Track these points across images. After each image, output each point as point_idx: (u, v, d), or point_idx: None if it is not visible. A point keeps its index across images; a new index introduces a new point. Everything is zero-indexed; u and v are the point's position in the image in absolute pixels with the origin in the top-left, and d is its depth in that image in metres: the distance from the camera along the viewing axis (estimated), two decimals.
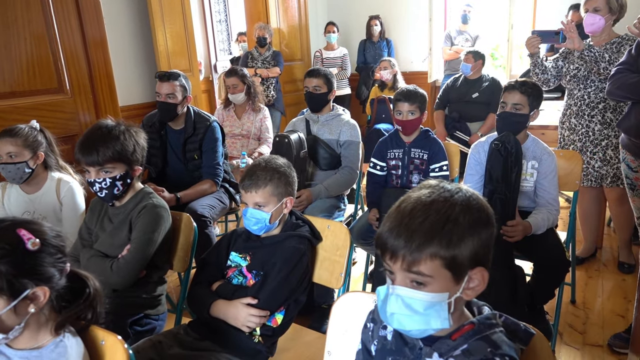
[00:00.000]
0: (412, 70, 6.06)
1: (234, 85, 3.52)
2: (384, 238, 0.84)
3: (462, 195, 0.84)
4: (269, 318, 1.48)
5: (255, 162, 1.56)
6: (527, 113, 2.10)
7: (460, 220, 0.81)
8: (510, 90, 2.11)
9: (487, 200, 2.03)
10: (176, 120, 2.71)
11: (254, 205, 1.51)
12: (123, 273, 1.53)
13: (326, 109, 2.72)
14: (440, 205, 0.82)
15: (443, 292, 0.83)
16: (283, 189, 1.53)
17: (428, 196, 0.84)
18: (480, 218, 0.83)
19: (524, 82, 2.11)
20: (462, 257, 0.81)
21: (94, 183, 1.56)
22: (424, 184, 0.89)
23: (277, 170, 1.52)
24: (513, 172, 1.93)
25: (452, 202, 0.82)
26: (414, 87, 2.41)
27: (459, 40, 5.48)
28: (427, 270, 0.81)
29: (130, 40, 3.72)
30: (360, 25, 5.76)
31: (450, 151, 2.62)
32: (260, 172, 1.50)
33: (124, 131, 1.57)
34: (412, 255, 0.80)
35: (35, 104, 2.34)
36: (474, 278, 0.85)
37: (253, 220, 1.51)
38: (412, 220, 0.81)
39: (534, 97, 2.09)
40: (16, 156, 1.95)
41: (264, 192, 1.49)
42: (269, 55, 4.97)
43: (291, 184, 1.57)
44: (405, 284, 0.84)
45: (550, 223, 2.07)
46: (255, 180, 1.50)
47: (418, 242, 0.80)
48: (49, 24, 2.34)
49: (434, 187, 0.86)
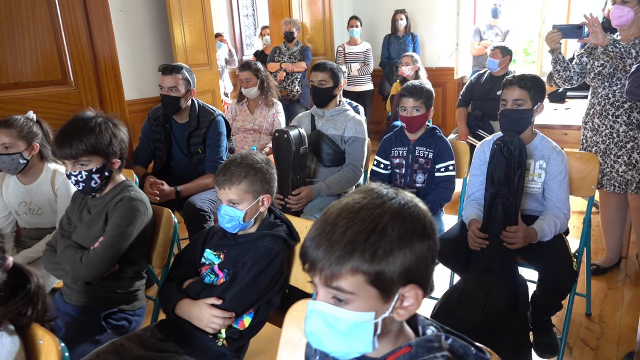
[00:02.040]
0: (438, 66, 5.88)
1: (247, 79, 3.47)
2: (304, 247, 0.75)
3: (395, 202, 0.74)
4: (236, 320, 1.42)
5: (230, 157, 1.51)
6: (530, 108, 1.96)
7: (388, 231, 0.71)
8: (508, 87, 1.98)
9: (488, 204, 1.92)
10: (180, 113, 2.70)
11: (228, 203, 1.46)
12: (92, 265, 1.50)
13: (332, 104, 2.64)
14: (368, 213, 0.72)
15: (368, 311, 0.74)
16: (259, 186, 1.47)
17: (357, 202, 0.75)
18: (414, 229, 0.73)
19: (522, 76, 1.97)
20: (390, 273, 0.72)
21: (70, 176, 1.54)
22: (361, 188, 0.80)
23: (253, 166, 1.46)
24: (516, 175, 1.80)
25: (382, 210, 0.73)
26: (420, 83, 2.30)
27: (488, 35, 5.27)
28: (348, 286, 0.72)
29: (148, 34, 3.74)
30: (386, 19, 5.61)
31: (460, 150, 2.49)
32: (235, 168, 1.45)
33: (100, 123, 1.54)
34: (331, 269, 0.71)
35: (39, 95, 2.37)
36: (407, 297, 0.75)
37: (226, 218, 1.46)
38: (334, 230, 0.72)
39: (535, 90, 1.95)
40: (11, 147, 1.96)
41: (238, 189, 1.44)
42: (297, 50, 4.94)
43: (268, 181, 1.50)
44: (326, 300, 0.75)
45: (557, 229, 1.92)
46: (229, 176, 1.44)
47: (338, 254, 0.71)
48: (53, 16, 2.36)
49: (367, 192, 0.77)
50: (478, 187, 2.09)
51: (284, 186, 2.41)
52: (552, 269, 1.85)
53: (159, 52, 3.87)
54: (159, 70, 2.63)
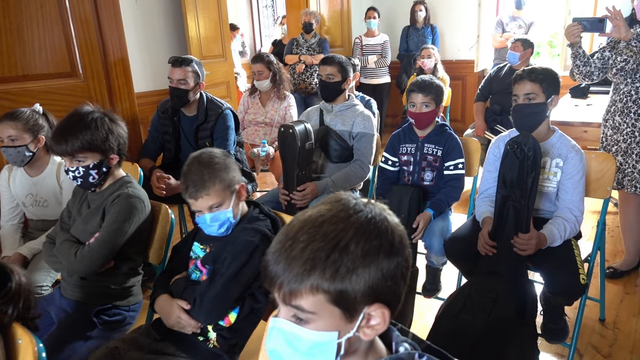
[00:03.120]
0: (458, 59, 5.75)
1: (259, 71, 3.44)
2: (264, 261, 0.71)
3: (361, 216, 0.69)
4: (224, 316, 1.41)
5: (187, 167, 1.42)
6: (543, 101, 1.87)
7: (351, 248, 0.66)
8: (519, 81, 1.90)
9: (499, 207, 1.85)
10: (189, 106, 2.68)
11: (210, 210, 1.40)
12: (86, 261, 1.50)
13: (340, 98, 2.58)
14: (331, 228, 0.68)
15: (331, 330, 0.70)
16: (229, 178, 1.42)
17: (321, 215, 0.70)
18: (381, 246, 0.68)
19: (532, 69, 1.89)
20: (354, 291, 0.67)
21: (68, 171, 1.54)
22: (329, 198, 0.75)
23: (215, 163, 1.40)
24: (529, 178, 1.72)
25: (345, 224, 0.68)
26: (430, 78, 2.22)
27: (511, 26, 5.11)
28: (308, 305, 0.68)
29: (162, 26, 3.74)
30: (405, 10, 5.50)
31: (471, 148, 2.42)
32: (200, 173, 1.38)
33: (96, 119, 1.53)
34: (290, 286, 0.67)
35: (47, 88, 2.39)
36: (374, 316, 0.71)
37: (216, 224, 1.41)
38: (294, 245, 0.68)
39: (548, 83, 1.87)
40: (17, 139, 1.98)
41: (216, 191, 1.39)
42: (315, 42, 4.88)
43: (235, 169, 1.46)
44: (287, 318, 0.71)
45: (567, 234, 1.84)
46: (200, 183, 1.37)
47: (296, 271, 0.67)
48: (62, 8, 2.37)
49: (334, 203, 0.72)
50: (491, 184, 2.02)
51: (289, 182, 2.37)
52: (558, 280, 1.77)
53: (173, 43, 3.87)
54: (168, 62, 2.61)
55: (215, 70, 4.24)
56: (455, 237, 2.03)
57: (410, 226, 2.13)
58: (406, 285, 0.74)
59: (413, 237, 2.14)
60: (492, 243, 1.83)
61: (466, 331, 1.78)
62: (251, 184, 2.90)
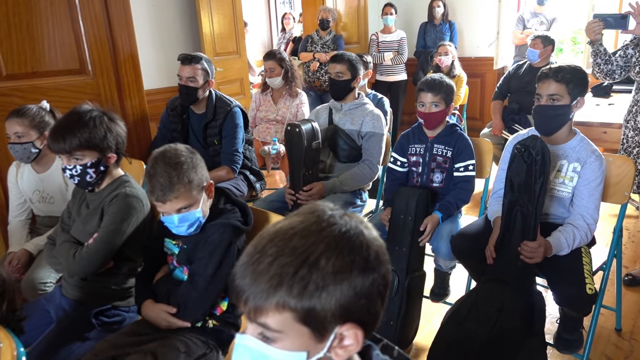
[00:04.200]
0: (477, 56, 5.62)
1: (271, 68, 3.41)
2: (232, 274, 0.67)
3: (335, 229, 0.65)
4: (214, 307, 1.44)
5: (152, 167, 1.33)
6: (567, 104, 1.79)
7: (321, 263, 0.62)
8: (543, 80, 1.81)
9: (506, 212, 1.78)
10: (198, 104, 2.67)
11: (178, 211, 1.35)
12: (84, 262, 1.49)
13: (350, 97, 2.54)
14: (301, 242, 0.64)
15: (299, 350, 0.66)
16: (198, 178, 1.35)
17: (292, 227, 0.66)
18: (354, 262, 0.64)
19: (560, 68, 1.79)
20: (324, 310, 0.63)
21: (66, 170, 1.53)
22: (305, 208, 0.71)
23: (182, 163, 1.32)
24: (537, 184, 1.64)
25: (317, 238, 0.64)
26: (440, 76, 2.16)
27: (532, 23, 4.97)
28: (274, 323, 0.64)
29: (176, 23, 3.74)
30: (423, 7, 5.40)
31: (483, 149, 2.34)
32: (168, 174, 1.30)
33: (94, 118, 1.52)
34: (255, 302, 0.64)
35: (56, 85, 2.40)
36: (346, 336, 0.67)
37: (185, 225, 1.37)
38: (261, 259, 0.64)
39: (575, 84, 1.78)
40: (23, 136, 1.99)
41: (184, 193, 1.32)
42: (330, 39, 4.84)
43: (201, 167, 1.39)
44: (254, 335, 0.67)
45: (577, 243, 1.76)
46: (168, 187, 1.30)
47: (262, 287, 0.63)
48: (71, 6, 2.37)
49: (308, 214, 0.68)
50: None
51: (295, 181, 2.34)
52: (563, 291, 1.70)
53: (187, 40, 3.86)
54: (178, 59, 2.60)
55: (229, 67, 4.23)
56: (463, 234, 1.96)
57: (417, 229, 2.08)
58: (384, 304, 0.69)
59: (420, 240, 2.08)
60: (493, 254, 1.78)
61: (470, 340, 1.72)
62: (259, 182, 2.88)
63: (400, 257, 2.09)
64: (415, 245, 2.09)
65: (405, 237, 2.08)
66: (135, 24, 3.31)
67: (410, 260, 2.08)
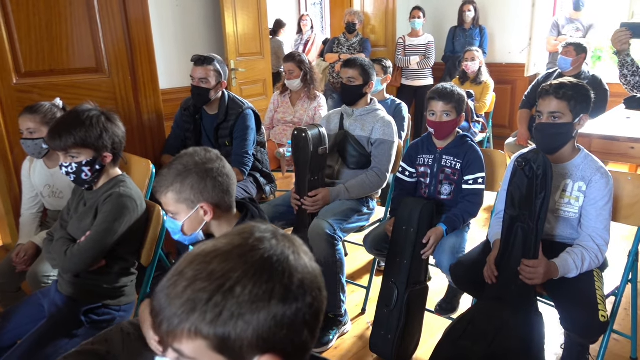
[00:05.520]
0: (508, 62, 5.46)
1: (290, 71, 3.41)
2: (154, 292, 0.66)
3: (257, 254, 0.62)
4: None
5: (171, 162, 1.30)
6: (569, 122, 1.70)
7: (237, 291, 0.59)
8: (544, 97, 1.73)
9: (506, 228, 1.70)
10: (210, 105, 2.69)
11: (168, 213, 1.31)
12: (76, 260, 1.52)
13: (362, 102, 2.50)
14: (220, 266, 0.61)
15: None
16: (190, 194, 1.24)
17: (216, 249, 0.63)
18: (272, 290, 0.60)
19: (561, 85, 1.71)
20: (240, 339, 0.59)
21: (62, 167, 1.56)
22: (238, 228, 0.68)
23: (182, 170, 1.24)
24: (539, 199, 1.57)
25: (237, 263, 0.61)
26: (452, 86, 2.09)
27: (567, 29, 4.78)
28: (188, 350, 0.61)
29: (200, 23, 3.79)
30: (453, 10, 5.28)
31: (496, 161, 2.26)
32: (166, 172, 1.26)
33: (92, 117, 1.54)
34: (168, 327, 0.61)
35: (73, 82, 2.46)
36: None
37: (171, 230, 1.34)
38: (179, 282, 0.61)
39: (577, 101, 1.69)
40: (35, 132, 2.04)
41: (167, 199, 1.26)
42: (356, 41, 4.80)
43: (204, 186, 1.25)
44: (173, 358, 0.64)
45: (587, 266, 1.66)
46: (159, 182, 1.27)
47: (175, 311, 0.60)
48: (90, 6, 2.43)
49: (236, 236, 0.65)
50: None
51: (300, 186, 2.32)
52: (574, 317, 1.61)
53: (211, 41, 3.91)
54: (191, 60, 2.63)
55: (252, 68, 4.24)
56: (460, 263, 1.90)
57: (420, 241, 2.02)
58: (314, 334, 0.65)
59: (422, 252, 2.03)
60: (495, 272, 1.70)
61: (465, 358, 1.66)
62: (269, 185, 2.88)
63: (401, 270, 2.04)
64: (418, 258, 2.04)
65: (407, 248, 2.03)
66: (158, 24, 3.38)
67: (411, 272, 2.03)
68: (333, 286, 2.22)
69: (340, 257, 2.21)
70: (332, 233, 2.16)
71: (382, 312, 2.09)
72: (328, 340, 2.24)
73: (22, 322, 1.59)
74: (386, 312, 2.08)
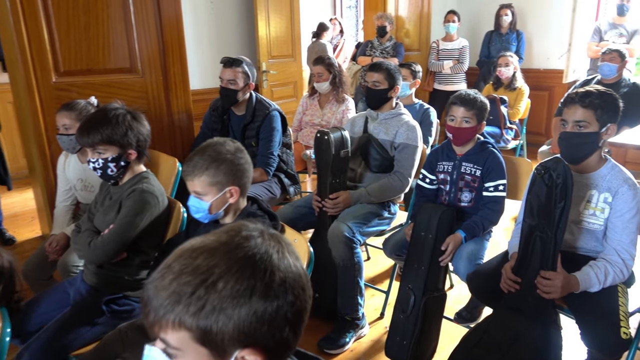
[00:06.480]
0: (546, 68, 5.31)
1: (319, 73, 3.44)
2: (145, 283, 0.69)
3: (241, 252, 0.65)
4: None
5: (199, 146, 1.49)
6: (595, 131, 1.65)
7: (219, 286, 0.62)
8: (569, 105, 1.68)
9: (525, 237, 1.67)
10: (238, 105, 2.75)
11: (194, 194, 1.47)
12: (98, 251, 1.59)
13: (387, 106, 2.50)
14: (205, 261, 0.64)
15: None
16: (223, 178, 1.43)
17: (203, 245, 0.66)
18: (254, 287, 0.63)
19: (587, 93, 1.65)
20: (221, 332, 0.62)
21: (90, 162, 1.64)
22: (228, 225, 0.71)
23: (217, 157, 1.43)
24: (557, 208, 1.53)
25: (220, 259, 0.64)
26: (475, 92, 2.07)
27: (610, 35, 4.62)
28: (173, 340, 0.64)
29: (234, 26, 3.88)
30: (490, 14, 5.19)
31: (521, 169, 2.22)
32: (199, 159, 1.44)
33: (118, 116, 1.61)
34: (155, 317, 0.64)
35: (108, 82, 2.57)
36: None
37: (194, 209, 1.48)
38: (166, 275, 0.65)
39: (604, 110, 1.64)
40: (70, 128, 2.14)
41: (200, 181, 1.44)
42: (390, 45, 4.80)
43: (235, 172, 1.46)
44: (160, 348, 0.67)
45: (610, 280, 1.61)
46: (192, 167, 1.44)
47: (161, 302, 0.63)
48: (126, 9, 2.53)
49: (224, 233, 0.68)
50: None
51: (322, 188, 2.34)
52: (594, 333, 1.55)
53: (243, 42, 3.99)
54: (220, 62, 2.69)
55: (283, 70, 4.31)
56: (478, 272, 1.87)
57: (438, 247, 2.00)
58: (297, 332, 0.67)
59: (440, 259, 2.01)
60: (515, 278, 1.66)
61: None
62: (293, 186, 2.91)
63: (418, 276, 2.02)
64: (435, 265, 2.02)
65: (425, 255, 2.01)
66: (193, 25, 3.49)
67: (429, 279, 2.01)
68: (350, 289, 2.23)
69: (358, 260, 2.22)
70: (351, 236, 2.17)
71: (399, 317, 2.08)
72: (344, 342, 2.25)
73: (49, 308, 1.68)
74: (402, 318, 2.06)
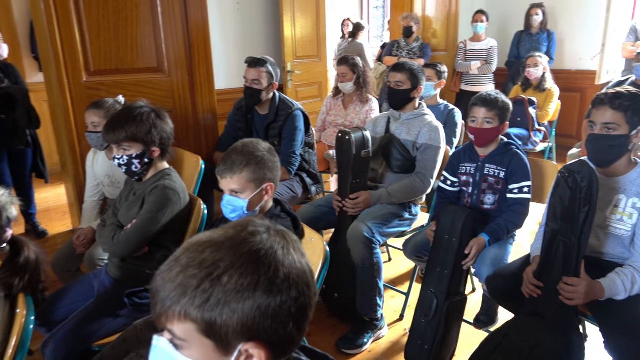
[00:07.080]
0: (578, 69, 5.18)
1: (343, 74, 3.44)
2: (154, 275, 0.70)
3: (246, 247, 0.66)
4: None
5: (232, 146, 1.51)
6: (625, 134, 1.60)
7: (223, 280, 0.63)
8: (598, 107, 1.63)
9: (547, 241, 1.64)
10: (262, 105, 2.78)
11: (230, 192, 1.48)
12: (121, 245, 1.64)
13: (409, 107, 2.48)
14: (211, 255, 0.65)
15: None
16: (261, 175, 1.47)
17: (210, 239, 0.67)
18: (257, 282, 0.64)
19: (617, 94, 1.60)
20: (225, 325, 0.63)
21: (115, 159, 1.69)
22: (237, 221, 0.72)
23: (254, 154, 1.47)
24: (582, 212, 1.49)
25: (226, 254, 0.65)
26: (497, 93, 2.03)
27: None
28: (179, 331, 0.66)
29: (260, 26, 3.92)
30: (520, 14, 5.08)
31: (547, 171, 2.17)
32: (236, 156, 1.47)
33: (143, 114, 1.66)
34: (162, 308, 0.66)
35: (136, 81, 2.64)
36: (252, 354, 0.66)
37: (230, 208, 1.49)
38: (174, 267, 0.66)
39: (635, 112, 1.58)
40: (98, 126, 2.21)
41: (239, 178, 1.46)
42: (417, 46, 4.77)
43: (271, 169, 1.50)
44: (168, 339, 0.69)
45: (638, 289, 1.55)
46: (230, 165, 1.46)
47: (168, 294, 0.65)
48: (154, 10, 2.59)
49: (232, 228, 0.69)
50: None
51: (342, 188, 2.34)
52: (616, 341, 1.51)
53: (269, 43, 4.02)
54: (245, 62, 2.73)
55: (308, 71, 4.33)
56: (498, 274, 1.83)
57: (462, 251, 1.98)
58: (302, 327, 0.68)
59: (464, 263, 1.98)
60: (537, 283, 1.62)
61: None
62: (315, 185, 2.92)
63: (442, 280, 1.99)
64: (459, 268, 1.99)
65: (449, 259, 1.99)
66: (220, 26, 3.54)
67: (452, 283, 1.99)
68: (369, 289, 2.22)
69: (377, 261, 2.21)
70: (370, 236, 2.16)
71: (420, 321, 2.05)
72: (362, 343, 2.24)
73: (75, 300, 1.73)
74: (424, 322, 2.03)
